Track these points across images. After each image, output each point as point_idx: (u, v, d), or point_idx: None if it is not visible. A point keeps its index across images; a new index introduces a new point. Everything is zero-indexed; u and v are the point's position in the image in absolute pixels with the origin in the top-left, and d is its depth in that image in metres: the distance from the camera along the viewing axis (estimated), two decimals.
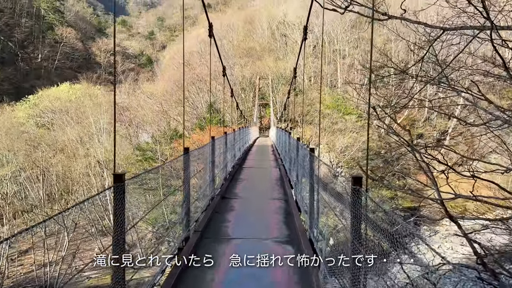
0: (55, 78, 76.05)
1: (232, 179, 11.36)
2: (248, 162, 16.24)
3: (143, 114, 38.73)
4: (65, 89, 48.66)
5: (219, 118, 36.98)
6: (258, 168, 15.00)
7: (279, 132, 19.71)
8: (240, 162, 15.26)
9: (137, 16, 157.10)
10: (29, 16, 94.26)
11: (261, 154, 20.78)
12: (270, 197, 9.46)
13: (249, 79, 47.23)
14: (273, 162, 16.47)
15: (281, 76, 47.94)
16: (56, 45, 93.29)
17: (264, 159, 17.97)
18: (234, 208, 8.07)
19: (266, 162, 16.68)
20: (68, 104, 38.38)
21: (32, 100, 43.37)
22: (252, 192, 10.24)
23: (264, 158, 18.72)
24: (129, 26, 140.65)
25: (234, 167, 13.21)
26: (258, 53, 52.67)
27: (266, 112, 50.31)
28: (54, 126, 35.86)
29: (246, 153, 19.07)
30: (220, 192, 9.21)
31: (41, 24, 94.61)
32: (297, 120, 41.11)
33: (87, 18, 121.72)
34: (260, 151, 22.54)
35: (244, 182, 11.40)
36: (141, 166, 34.56)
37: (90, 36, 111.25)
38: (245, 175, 12.67)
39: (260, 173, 13.67)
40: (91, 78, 74.11)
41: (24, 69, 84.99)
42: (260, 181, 12.31)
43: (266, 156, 19.34)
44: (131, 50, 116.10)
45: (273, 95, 45.20)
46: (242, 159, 16.32)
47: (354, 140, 35.97)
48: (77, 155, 30.26)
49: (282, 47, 58.61)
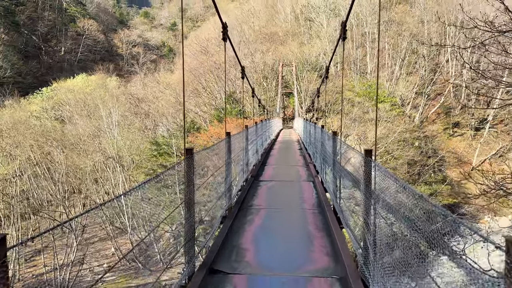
0: (78, 71, 75.38)
1: (241, 208, 6.99)
2: (267, 169, 11.86)
3: (158, 106, 36.40)
4: (81, 81, 47.08)
5: (238, 109, 34.23)
6: (282, 181, 10.05)
7: (309, 126, 15.23)
8: (257, 169, 11.29)
9: (160, 7, 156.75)
10: (51, 9, 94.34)
11: (286, 156, 16.43)
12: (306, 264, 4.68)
13: (271, 66, 44.00)
14: (303, 169, 12.06)
15: (306, 62, 44.47)
16: (79, 37, 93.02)
17: (289, 164, 13.50)
18: None
19: (292, 170, 12.20)
20: (82, 96, 36.58)
21: (45, 93, 41.90)
22: (270, 245, 5.32)
23: (290, 161, 14.39)
24: (152, 17, 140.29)
25: (247, 181, 9.22)
26: (281, 38, 49.30)
27: (289, 101, 47.08)
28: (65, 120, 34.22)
29: (266, 154, 15.19)
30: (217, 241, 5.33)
31: (63, 17, 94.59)
32: (323, 110, 37.77)
33: (109, 10, 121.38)
34: (284, 151, 18.29)
35: (259, 217, 6.59)
36: (156, 161, 32.41)
37: (112, 28, 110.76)
38: (261, 196, 8.13)
39: (284, 192, 8.77)
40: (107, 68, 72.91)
41: (47, 62, 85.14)
42: (285, 211, 7.03)
43: (292, 159, 15.01)
44: (153, 41, 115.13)
45: (297, 83, 41.82)
46: (260, 164, 12.40)
47: (388, 130, 32.35)
48: (87, 150, 28.37)
49: (307, 32, 54.96)
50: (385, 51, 50.90)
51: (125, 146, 30.32)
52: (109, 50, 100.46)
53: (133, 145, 30.56)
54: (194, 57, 41.43)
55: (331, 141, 7.16)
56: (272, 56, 43.90)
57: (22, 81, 70.68)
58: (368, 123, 34.89)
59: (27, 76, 75.61)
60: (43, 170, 26.00)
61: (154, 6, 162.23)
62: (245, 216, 6.54)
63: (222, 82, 37.79)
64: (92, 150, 27.85)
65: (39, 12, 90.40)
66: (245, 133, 9.09)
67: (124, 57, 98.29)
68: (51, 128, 30.89)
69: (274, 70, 43.93)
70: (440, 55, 51.38)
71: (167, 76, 46.76)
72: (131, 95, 39.07)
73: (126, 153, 27.96)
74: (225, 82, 10.71)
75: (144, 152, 32.88)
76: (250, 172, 10.16)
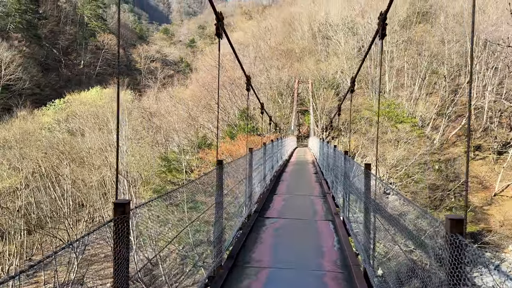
0: (96, 84, 76.20)
1: (235, 265, 5.25)
2: (276, 201, 9.81)
3: (170, 120, 35.57)
4: (95, 93, 46.97)
5: (252, 125, 33.17)
6: (292, 220, 7.99)
7: (326, 148, 13.28)
8: (264, 199, 9.50)
9: (179, 24, 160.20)
10: (73, 23, 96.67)
11: (299, 181, 14.31)
12: None
13: (287, 82, 43.02)
14: (319, 200, 10.00)
15: (323, 80, 43.37)
16: (98, 51, 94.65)
17: (303, 194, 11.31)
18: None
19: (307, 201, 10.07)
20: (94, 109, 36.17)
21: (58, 105, 41.70)
22: None
23: (303, 189, 12.22)
24: (171, 34, 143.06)
25: (249, 217, 7.63)
26: (297, 55, 48.46)
27: (305, 119, 45.86)
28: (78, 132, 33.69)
29: (276, 179, 13.40)
30: None
31: (84, 31, 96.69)
32: (340, 128, 36.37)
33: (129, 25, 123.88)
34: (298, 174, 16.17)
35: (258, 284, 4.77)
36: (166, 177, 31.47)
37: (131, 43, 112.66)
38: (265, 246, 6.15)
39: (295, 239, 6.67)
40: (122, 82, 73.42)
41: (67, 75, 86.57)
42: (294, 275, 5.06)
43: (306, 186, 12.92)
44: (171, 57, 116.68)
45: (313, 100, 40.64)
46: (268, 192, 10.58)
47: (408, 152, 30.66)
48: (95, 165, 27.59)
49: (324, 50, 54.12)
50: (404, 71, 49.59)
51: (134, 161, 29.49)
52: (127, 65, 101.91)
53: (142, 160, 29.69)
54: (209, 72, 40.83)
55: (362, 177, 5.15)
56: (287, 72, 42.96)
57: (40, 93, 71.63)
58: (386, 144, 33.33)
59: (45, 88, 76.74)
60: (48, 183, 25.27)
61: (174, 23, 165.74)
62: (239, 281, 4.71)
63: (236, 97, 36.98)
64: (99, 165, 27.08)
65: (60, 26, 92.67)
66: (249, 157, 7.49)
67: (142, 72, 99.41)
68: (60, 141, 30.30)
69: (289, 87, 42.94)
70: (461, 76, 49.82)
71: (181, 91, 46.21)
72: (143, 109, 38.59)
73: (134, 168, 27.08)
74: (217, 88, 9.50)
75: (153, 167, 31.99)
76: (256, 202, 8.59)
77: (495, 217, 35.67)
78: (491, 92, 45.51)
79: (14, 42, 75.71)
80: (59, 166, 26.60)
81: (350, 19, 53.73)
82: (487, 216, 35.72)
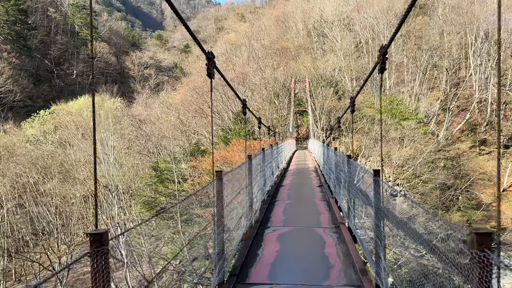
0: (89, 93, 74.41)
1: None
2: (267, 244, 6.35)
3: (160, 127, 33.46)
4: (83, 102, 44.98)
5: (247, 129, 31.21)
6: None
7: (332, 155, 10.42)
8: (247, 247, 6.14)
9: (173, 30, 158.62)
10: (64, 33, 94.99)
11: (300, 202, 10.30)
12: None
13: (283, 82, 40.99)
14: (332, 240, 6.44)
15: (321, 78, 41.40)
16: (90, 60, 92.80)
17: (306, 225, 7.67)
18: None
19: (313, 242, 6.47)
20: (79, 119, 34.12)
21: (43, 116, 39.65)
22: None
23: (307, 217, 8.46)
24: (165, 40, 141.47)
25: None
26: (293, 53, 46.46)
27: (303, 120, 43.86)
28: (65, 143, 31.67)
29: (270, 199, 10.26)
30: None
31: (75, 41, 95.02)
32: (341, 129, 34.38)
33: (121, 32, 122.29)
34: (298, 190, 12.39)
35: None
36: (157, 188, 29.47)
37: (124, 50, 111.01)
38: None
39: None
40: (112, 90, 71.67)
41: (59, 86, 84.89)
42: None
43: (310, 211, 9.02)
44: (165, 62, 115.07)
45: (311, 100, 38.62)
46: (258, 225, 7.43)
47: (415, 151, 28.61)
48: (79, 179, 25.58)
49: (319, 47, 52.30)
50: (403, 66, 47.84)
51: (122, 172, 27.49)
52: (120, 72, 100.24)
53: (131, 171, 27.66)
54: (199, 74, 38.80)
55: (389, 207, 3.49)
56: (283, 71, 40.90)
57: (32, 105, 69.75)
58: (391, 142, 31.33)
59: (38, 99, 74.95)
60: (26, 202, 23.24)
61: (167, 29, 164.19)
62: None
63: (230, 100, 35.00)
64: (84, 177, 25.09)
65: (51, 36, 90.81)
66: (248, 165, 6.34)
67: (136, 79, 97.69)
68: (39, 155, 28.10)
69: (285, 87, 40.95)
70: (462, 69, 48.12)
71: (171, 96, 44.08)
72: (133, 116, 36.52)
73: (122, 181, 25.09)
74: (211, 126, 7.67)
75: (144, 178, 30.01)
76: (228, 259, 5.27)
77: (506, 214, 33.94)
78: (495, 84, 43.85)
79: (4, 54, 74.16)
80: (39, 183, 24.62)
81: (345, 15, 51.95)
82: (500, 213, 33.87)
